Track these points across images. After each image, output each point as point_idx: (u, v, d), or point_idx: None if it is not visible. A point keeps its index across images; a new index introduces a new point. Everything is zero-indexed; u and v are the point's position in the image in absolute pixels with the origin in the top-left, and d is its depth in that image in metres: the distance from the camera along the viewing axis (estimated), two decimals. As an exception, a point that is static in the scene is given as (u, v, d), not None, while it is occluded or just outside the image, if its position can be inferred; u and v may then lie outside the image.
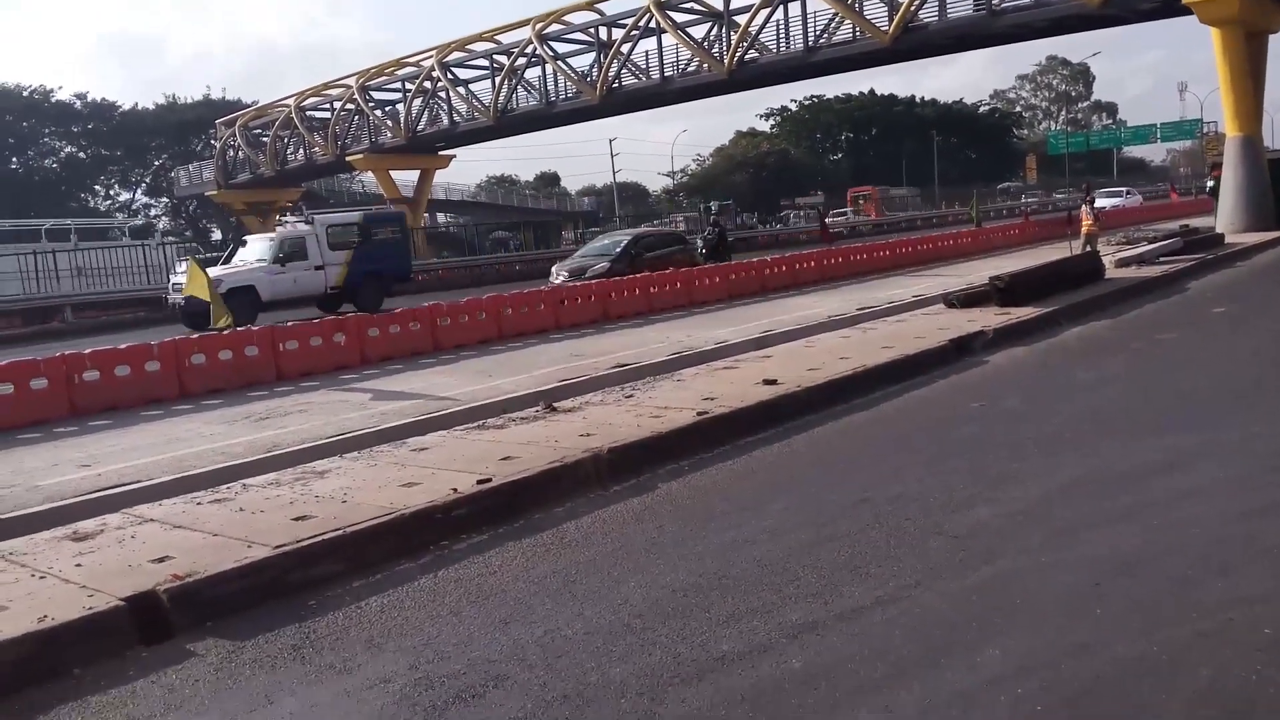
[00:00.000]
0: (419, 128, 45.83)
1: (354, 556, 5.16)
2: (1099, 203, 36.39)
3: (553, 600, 4.52)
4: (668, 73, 37.41)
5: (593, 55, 39.90)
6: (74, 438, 9.80)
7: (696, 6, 36.41)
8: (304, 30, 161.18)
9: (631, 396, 8.80)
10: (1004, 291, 12.71)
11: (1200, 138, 72.61)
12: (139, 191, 74.09)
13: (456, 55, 43.69)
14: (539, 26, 39.57)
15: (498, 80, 41.70)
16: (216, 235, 69.61)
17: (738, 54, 34.43)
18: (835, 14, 32.93)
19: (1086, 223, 20.24)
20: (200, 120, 68.37)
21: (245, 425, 9.78)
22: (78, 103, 68.74)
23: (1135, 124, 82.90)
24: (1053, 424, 7.17)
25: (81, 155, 69.53)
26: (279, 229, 23.98)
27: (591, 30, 39.52)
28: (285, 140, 51.04)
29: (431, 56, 43.67)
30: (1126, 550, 4.50)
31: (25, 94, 66.64)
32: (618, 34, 38.00)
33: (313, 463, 7.10)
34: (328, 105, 49.86)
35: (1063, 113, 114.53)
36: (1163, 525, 4.79)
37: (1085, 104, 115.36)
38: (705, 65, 35.74)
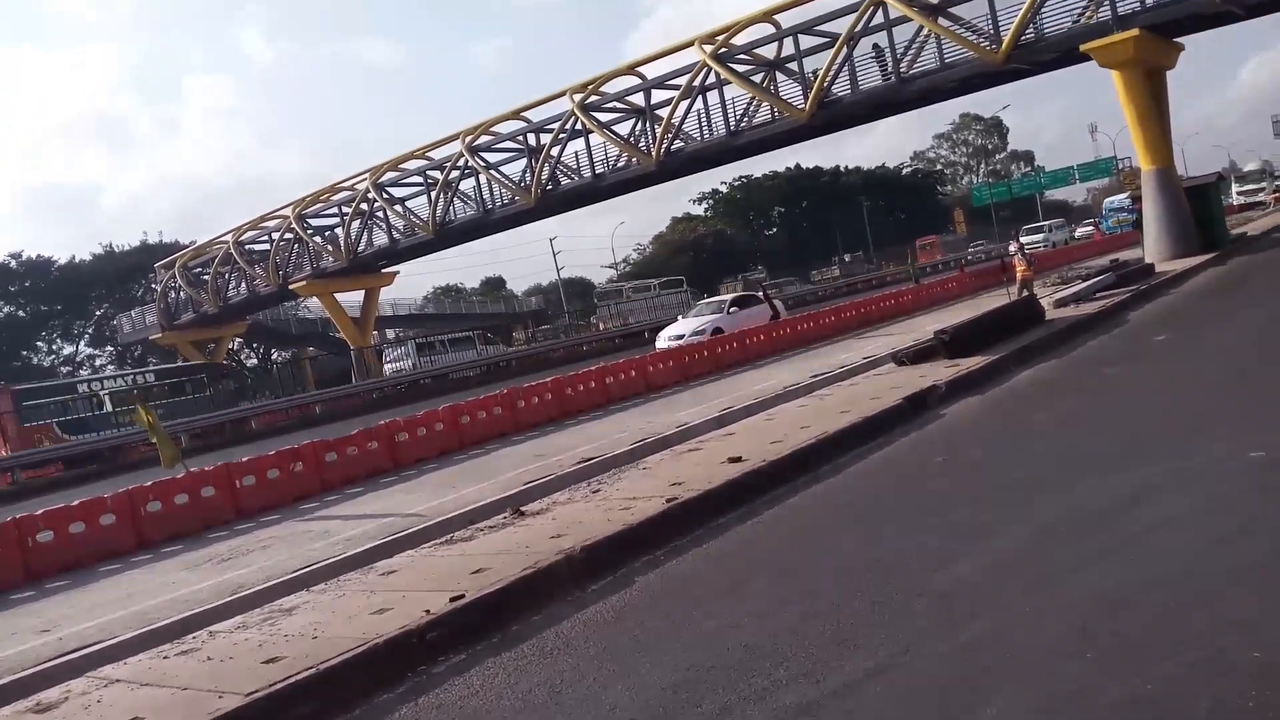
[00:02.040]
0: (359, 249, 46.09)
1: (328, 695, 4.97)
2: (1025, 239, 39.01)
3: (540, 715, 4.38)
4: (598, 170, 38.21)
5: (524, 161, 40.67)
6: (31, 603, 9.43)
7: (619, 105, 37.45)
8: (237, 166, 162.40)
9: (599, 491, 8.73)
10: (950, 344, 12.93)
11: (1116, 174, 75.44)
12: (82, 343, 73.32)
13: (390, 175, 44.29)
14: (469, 139, 40.34)
15: (433, 195, 42.25)
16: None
17: (664, 145, 35.31)
18: (752, 98, 34.03)
19: (1020, 268, 20.80)
20: (138, 266, 68.38)
21: (208, 569, 9.49)
22: (13, 262, 68.36)
23: (1053, 168, 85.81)
24: (1017, 471, 7.22)
25: (21, 314, 68.81)
26: None
27: (520, 138, 40.37)
28: (226, 276, 50.98)
29: (366, 179, 44.22)
30: (1108, 590, 4.49)
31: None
32: (546, 138, 38.85)
33: (279, 600, 6.89)
34: (266, 237, 50.03)
35: (982, 165, 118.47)
36: (1140, 560, 4.81)
37: (1003, 155, 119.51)
38: (634, 159, 36.58)
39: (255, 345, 74.22)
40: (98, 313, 72.06)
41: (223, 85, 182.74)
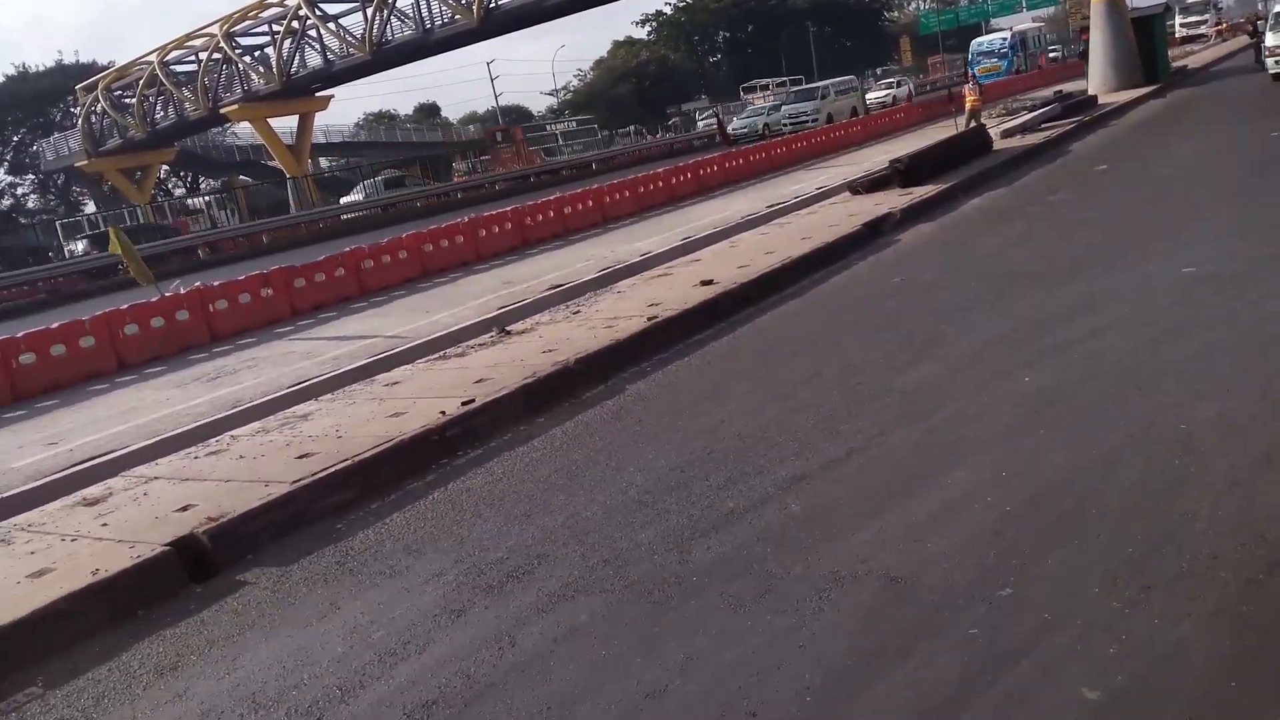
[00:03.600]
0: (292, 71, 44.22)
1: (364, 483, 5.54)
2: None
3: (564, 493, 5.01)
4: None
5: (463, -24, 38.91)
6: (26, 420, 9.78)
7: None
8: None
9: (579, 312, 9.23)
10: (904, 173, 13.41)
11: (1064, 3, 74.65)
12: (2, 170, 69.86)
13: (323, -10, 42.10)
14: (404, -50, 38.35)
15: (369, 12, 40.40)
16: (90, 208, 66.41)
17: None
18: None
19: (970, 98, 21.11)
20: (55, 89, 64.48)
21: (199, 386, 9.89)
22: (-80, 83, 64.01)
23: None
24: (968, 288, 7.88)
25: (-67, 138, 65.07)
26: None
27: (458, -51, 38.47)
28: (152, 99, 48.68)
29: (297, -7, 41.98)
30: (1055, 383, 5.19)
31: None
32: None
33: (291, 408, 7.38)
34: (193, 58, 47.59)
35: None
36: (1083, 358, 5.50)
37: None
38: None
39: (183, 174, 71.66)
40: (14, 139, 68.39)
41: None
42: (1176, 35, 59.21)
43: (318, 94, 48.80)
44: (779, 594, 3.51)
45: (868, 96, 48.21)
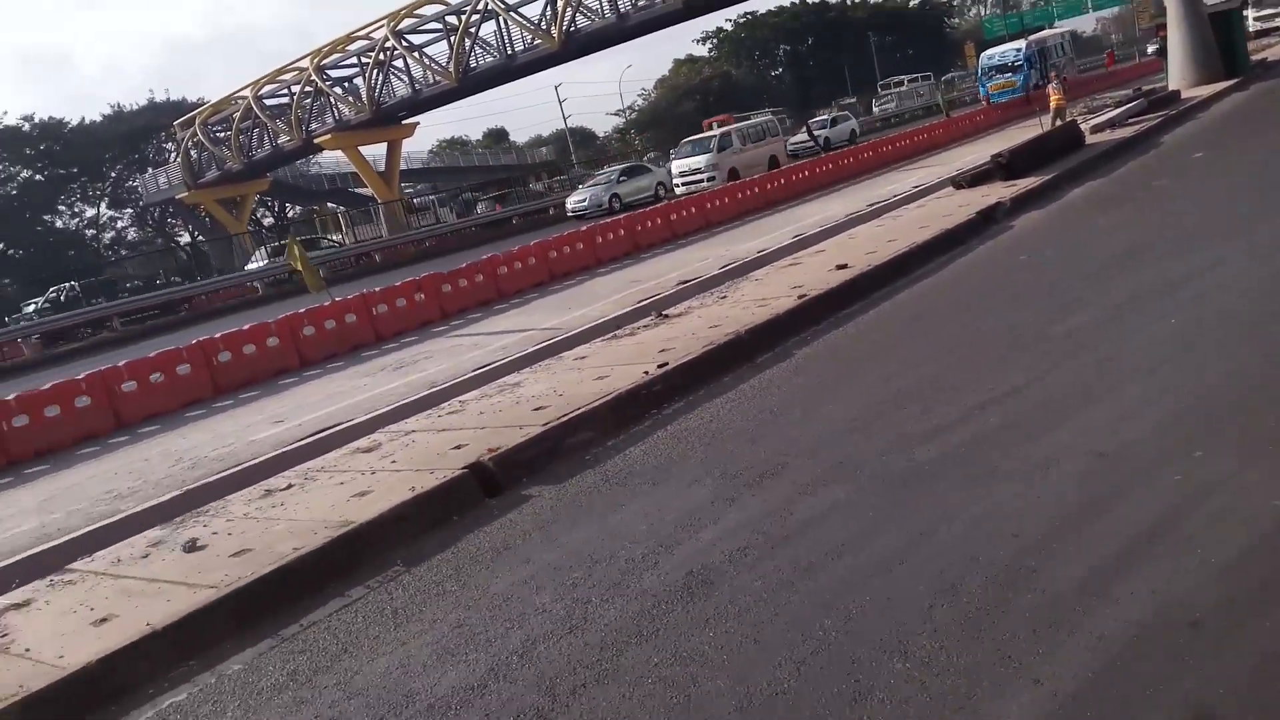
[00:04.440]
0: (381, 100, 46.27)
1: (598, 425, 6.61)
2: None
3: (776, 425, 6.01)
4: (621, 8, 38.24)
5: (543, 2, 40.52)
6: (237, 408, 11.12)
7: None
8: (217, 17, 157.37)
9: (726, 297, 10.25)
10: (1005, 167, 14.22)
11: (1132, 2, 74.00)
12: (103, 205, 73.56)
13: (408, 22, 44.08)
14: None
15: (453, 40, 42.25)
16: (184, 238, 69.74)
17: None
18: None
19: (1055, 97, 21.72)
20: (148, 126, 67.97)
21: (386, 375, 11.13)
22: (25, 125, 67.82)
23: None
24: (1094, 260, 8.71)
25: (39, 178, 68.79)
26: None
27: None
28: (248, 132, 51.27)
29: (383, 26, 44.05)
30: (1197, 323, 6.04)
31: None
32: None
33: (500, 379, 8.52)
34: (285, 91, 50.06)
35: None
36: (1218, 304, 6.33)
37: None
38: (659, -3, 36.63)
39: (270, 203, 74.72)
40: (112, 175, 72.08)
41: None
42: (1250, 30, 58.45)
43: (404, 121, 50.88)
44: (1001, 474, 4.45)
45: (791, 141, 40.12)
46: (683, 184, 30.46)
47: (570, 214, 33.10)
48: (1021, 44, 42.81)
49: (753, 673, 3.28)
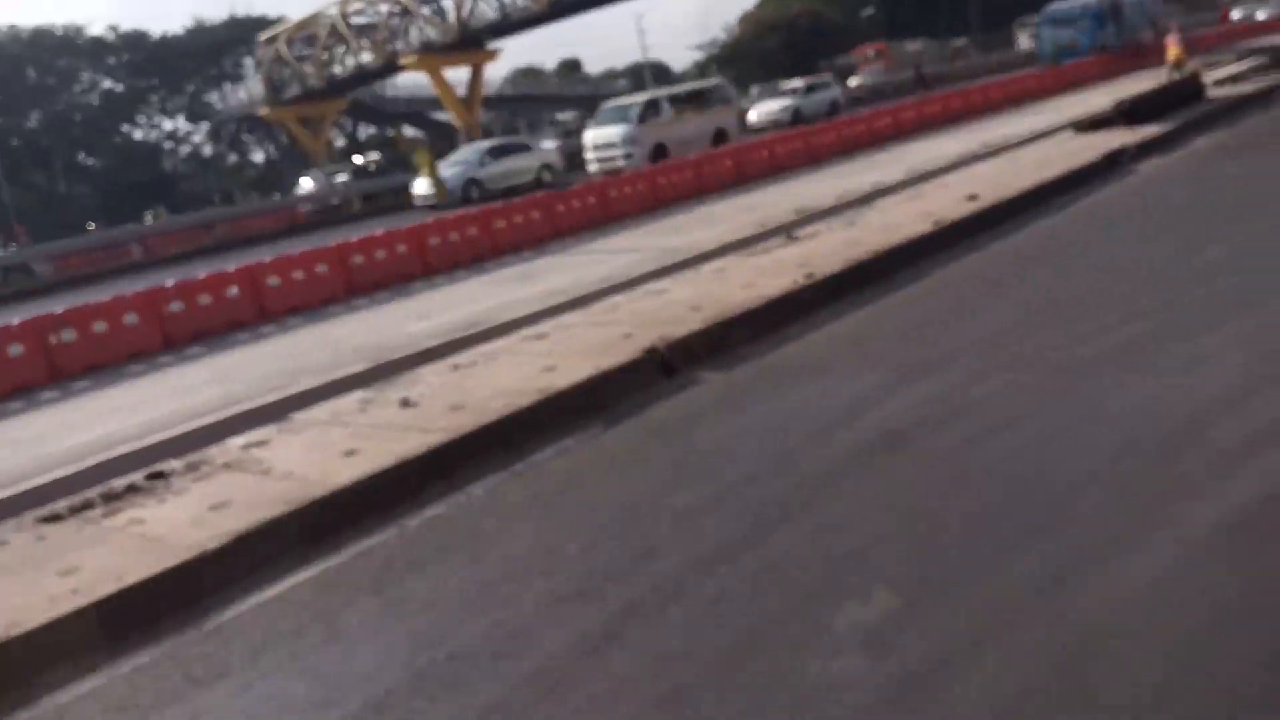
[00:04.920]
0: (468, 22, 46.47)
1: (752, 325, 7.09)
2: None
3: (936, 330, 6.44)
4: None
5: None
6: (377, 306, 11.81)
7: None
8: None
9: (854, 224, 10.58)
10: (1128, 114, 14.21)
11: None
12: (180, 119, 75.12)
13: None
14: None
15: (545, -36, 42.17)
16: (259, 156, 71.17)
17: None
18: None
19: (1174, 50, 21.31)
20: (229, 40, 69.02)
21: (513, 285, 11.68)
22: (111, 34, 69.25)
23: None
24: (1226, 202, 8.90)
25: (119, 88, 70.31)
26: None
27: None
28: (332, 50, 51.95)
29: (475, -52, 44.10)
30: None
31: (59, 32, 67.33)
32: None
33: (644, 285, 9.03)
34: (372, 10, 50.49)
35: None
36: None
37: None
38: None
39: (342, 124, 75.69)
40: (190, 88, 73.34)
41: None
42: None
43: (489, 46, 51.05)
44: (1158, 368, 4.88)
45: (752, 113, 34.79)
46: (596, 160, 24.70)
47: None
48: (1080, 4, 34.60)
49: (959, 501, 3.81)
